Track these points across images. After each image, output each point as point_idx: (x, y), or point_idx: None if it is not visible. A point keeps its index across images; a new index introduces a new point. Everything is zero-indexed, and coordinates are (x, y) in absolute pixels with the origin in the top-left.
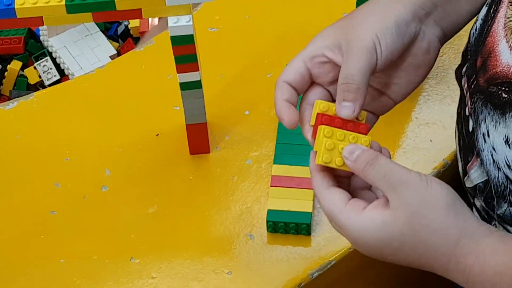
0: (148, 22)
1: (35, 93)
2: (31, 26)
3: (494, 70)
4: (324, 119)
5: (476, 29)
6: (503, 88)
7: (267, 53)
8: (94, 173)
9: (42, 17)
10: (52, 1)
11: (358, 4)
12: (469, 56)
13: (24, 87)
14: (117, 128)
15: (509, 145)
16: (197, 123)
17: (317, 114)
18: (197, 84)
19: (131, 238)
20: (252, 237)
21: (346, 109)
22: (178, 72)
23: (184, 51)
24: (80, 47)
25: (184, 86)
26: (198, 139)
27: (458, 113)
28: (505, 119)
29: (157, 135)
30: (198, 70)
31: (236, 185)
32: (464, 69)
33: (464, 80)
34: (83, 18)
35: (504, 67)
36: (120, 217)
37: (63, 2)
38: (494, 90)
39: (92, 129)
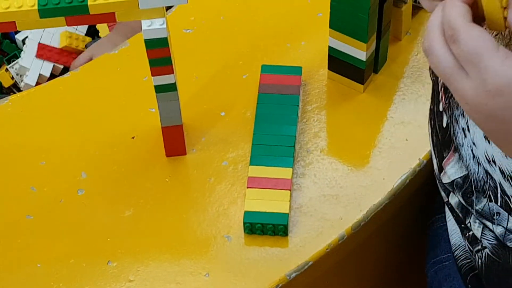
0: None
1: (10, 97)
2: (4, 31)
3: None
4: None
5: None
6: None
7: (242, 54)
8: (70, 176)
9: (15, 22)
10: (24, 6)
11: (332, 5)
12: None
13: None
14: (93, 131)
15: (489, 141)
16: (173, 126)
17: None
18: (172, 87)
19: (107, 241)
20: (230, 238)
21: None
22: (152, 75)
23: (159, 54)
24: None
25: (159, 89)
26: (174, 141)
27: (431, 110)
28: None
29: (133, 137)
30: (172, 72)
31: (213, 187)
32: None
33: None
34: (56, 23)
35: None
36: (97, 220)
37: (36, 7)
38: None
39: (67, 132)
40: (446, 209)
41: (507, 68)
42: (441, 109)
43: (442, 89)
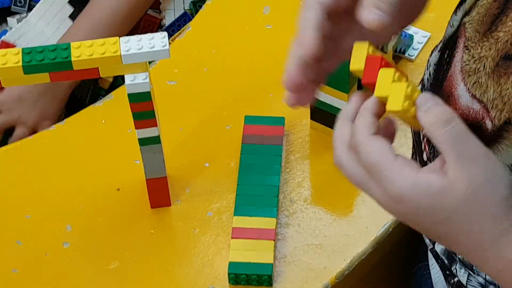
0: None
1: None
2: None
3: None
4: (384, 62)
5: (430, 75)
6: None
7: (226, 106)
8: (56, 229)
9: None
10: (9, 63)
11: None
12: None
13: None
14: (78, 183)
15: None
16: (157, 177)
17: (368, 56)
18: (155, 140)
19: None
20: None
21: (373, 14)
22: (136, 128)
23: (142, 107)
24: None
25: (142, 141)
26: (159, 192)
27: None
28: None
29: (118, 189)
30: (156, 125)
31: (198, 238)
32: None
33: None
34: (41, 78)
35: (464, 109)
36: (82, 273)
37: (20, 64)
38: None
39: (52, 185)
40: (430, 256)
41: (403, 178)
42: (425, 158)
43: (425, 139)
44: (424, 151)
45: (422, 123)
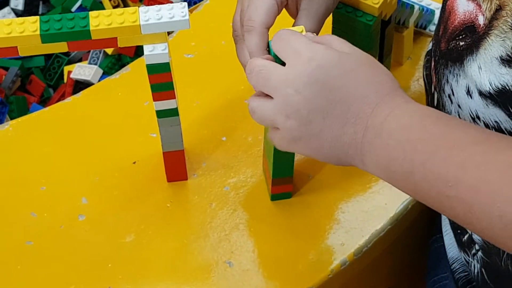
0: None
1: (10, 122)
2: (5, 56)
3: (453, 26)
4: None
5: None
6: (461, 37)
7: (243, 79)
8: (71, 202)
9: (16, 47)
10: (26, 31)
11: (334, 30)
12: (433, 42)
13: None
14: (94, 156)
15: (470, 95)
16: (175, 151)
17: None
18: (173, 112)
19: (108, 267)
20: (231, 264)
21: None
22: (154, 100)
23: (160, 79)
24: None
25: (160, 114)
26: (176, 166)
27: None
28: (464, 68)
29: (134, 162)
30: (174, 98)
31: (215, 212)
32: (429, 55)
33: (429, 63)
34: (58, 48)
35: (461, 15)
36: (97, 246)
37: (38, 32)
38: (453, 45)
39: (68, 157)
40: (444, 223)
41: (318, 46)
42: (433, 90)
43: (434, 71)
44: (432, 81)
45: (317, 39)
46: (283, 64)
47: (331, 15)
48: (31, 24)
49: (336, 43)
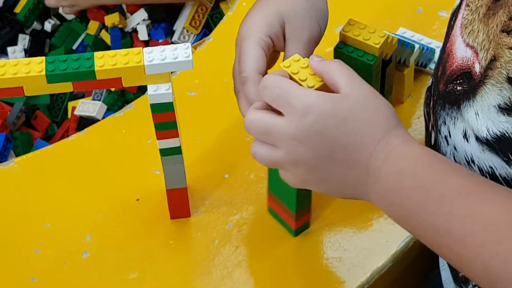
0: None
1: (16, 159)
2: (11, 96)
3: (451, 69)
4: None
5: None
6: (458, 81)
7: None
8: (75, 239)
9: (22, 87)
10: (32, 72)
11: None
12: (432, 79)
13: None
14: (98, 193)
15: (467, 139)
16: (178, 188)
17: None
18: (177, 150)
19: None
20: None
21: None
22: (158, 139)
23: (164, 118)
24: None
25: (164, 152)
26: (179, 203)
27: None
28: (461, 112)
29: (138, 199)
30: (178, 136)
31: (217, 250)
32: (429, 91)
33: (429, 100)
34: (63, 88)
35: (459, 60)
36: (101, 283)
37: (44, 73)
38: (451, 88)
39: (72, 194)
40: (441, 258)
41: (307, 92)
42: (430, 129)
43: (432, 110)
44: (430, 120)
45: (320, 67)
46: None
47: (332, 53)
48: (37, 65)
49: (339, 74)
